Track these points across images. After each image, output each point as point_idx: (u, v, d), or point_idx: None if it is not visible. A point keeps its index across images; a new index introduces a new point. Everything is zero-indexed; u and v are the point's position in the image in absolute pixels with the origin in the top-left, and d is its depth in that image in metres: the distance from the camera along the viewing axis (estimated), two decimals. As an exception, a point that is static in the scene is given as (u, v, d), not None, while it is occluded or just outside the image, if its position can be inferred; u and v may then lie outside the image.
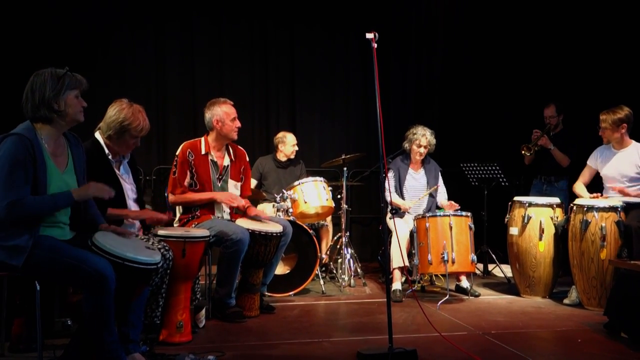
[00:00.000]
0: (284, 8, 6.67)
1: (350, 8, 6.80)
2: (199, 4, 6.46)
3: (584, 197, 4.65)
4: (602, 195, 4.64)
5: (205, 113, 4.15)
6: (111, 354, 2.62)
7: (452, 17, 7.10)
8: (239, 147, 4.35)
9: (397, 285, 4.78)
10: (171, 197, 4.07)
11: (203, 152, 4.11)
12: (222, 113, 4.10)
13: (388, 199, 4.95)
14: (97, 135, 3.31)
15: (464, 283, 4.93)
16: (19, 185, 2.54)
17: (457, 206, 4.92)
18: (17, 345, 3.15)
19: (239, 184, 4.28)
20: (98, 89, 3.50)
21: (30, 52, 5.68)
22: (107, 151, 3.28)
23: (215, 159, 4.16)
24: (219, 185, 4.17)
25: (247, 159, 4.38)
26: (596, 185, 4.83)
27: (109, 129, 3.26)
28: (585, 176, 4.86)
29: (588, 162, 4.84)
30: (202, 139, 4.17)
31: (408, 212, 5.14)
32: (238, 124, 4.16)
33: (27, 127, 2.67)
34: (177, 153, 4.10)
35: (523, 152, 5.51)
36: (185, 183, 4.04)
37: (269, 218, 4.31)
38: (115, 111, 3.26)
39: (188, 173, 4.05)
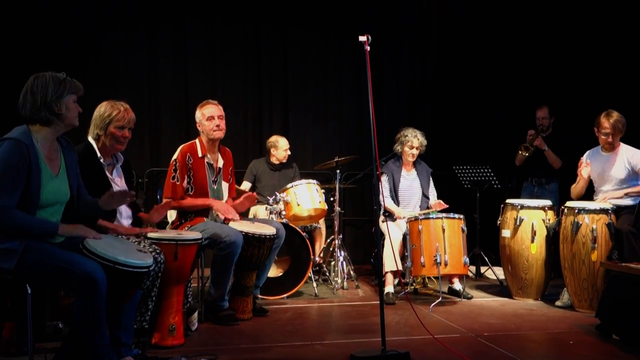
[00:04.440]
0: (277, 11, 6.67)
1: (343, 11, 6.81)
2: (192, 6, 6.45)
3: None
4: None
5: None
6: (103, 357, 2.61)
7: (445, 19, 7.13)
8: (226, 148, 4.35)
9: (389, 287, 4.79)
10: (171, 203, 4.04)
11: (200, 154, 4.10)
12: (200, 115, 4.12)
13: (382, 203, 4.97)
14: (90, 139, 3.33)
15: (457, 285, 4.94)
16: (9, 192, 2.53)
17: (444, 205, 4.95)
18: (7, 349, 3.14)
19: (227, 184, 4.28)
20: (90, 90, 3.46)
21: (22, 55, 5.66)
22: (99, 154, 3.28)
23: (211, 162, 4.15)
24: (214, 187, 4.16)
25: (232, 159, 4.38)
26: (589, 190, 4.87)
27: (95, 128, 3.31)
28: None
29: None
30: (197, 141, 4.16)
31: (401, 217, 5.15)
32: (217, 122, 4.09)
33: (24, 131, 2.66)
34: (175, 157, 4.06)
35: (520, 152, 5.54)
36: (183, 186, 4.03)
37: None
38: (96, 111, 3.34)
39: (185, 177, 4.04)
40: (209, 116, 4.08)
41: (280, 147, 5.76)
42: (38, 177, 2.62)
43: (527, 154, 5.53)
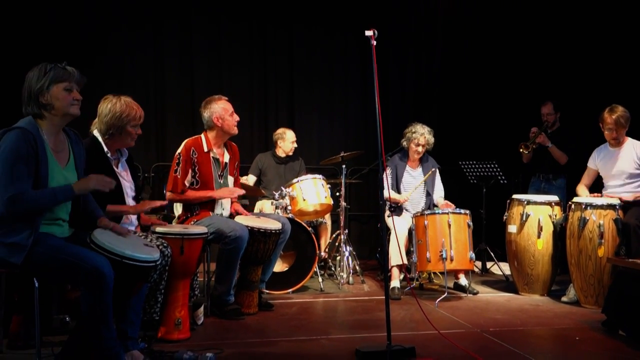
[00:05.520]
0: (283, 8, 6.67)
1: (349, 8, 6.81)
2: (198, 3, 6.46)
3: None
4: (601, 195, 4.65)
5: (202, 112, 4.13)
6: (109, 351, 2.62)
7: (451, 15, 7.10)
8: (233, 143, 4.36)
9: (395, 282, 4.79)
10: (169, 195, 4.06)
11: (205, 149, 4.10)
12: (221, 109, 4.09)
13: (386, 194, 4.94)
14: (96, 133, 3.30)
15: (463, 281, 4.94)
16: (21, 179, 2.54)
17: (452, 206, 4.93)
18: (15, 342, 3.16)
19: (233, 178, 4.29)
20: (97, 87, 3.50)
21: (29, 52, 5.66)
22: (105, 149, 3.27)
23: (217, 156, 4.15)
24: (220, 182, 4.16)
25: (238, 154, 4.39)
26: (596, 186, 4.85)
27: (108, 128, 3.24)
28: (586, 178, 4.86)
29: (588, 164, 4.84)
30: (202, 136, 4.15)
31: (406, 210, 5.14)
32: (237, 117, 4.16)
33: (30, 121, 2.66)
34: (179, 151, 4.06)
35: (521, 150, 5.52)
36: (186, 181, 4.03)
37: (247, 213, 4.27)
38: (108, 108, 3.25)
39: (190, 171, 4.04)
40: (232, 111, 4.12)
41: (287, 139, 5.76)
42: (45, 166, 2.63)
43: (527, 152, 5.51)
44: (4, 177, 2.53)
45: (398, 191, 5.18)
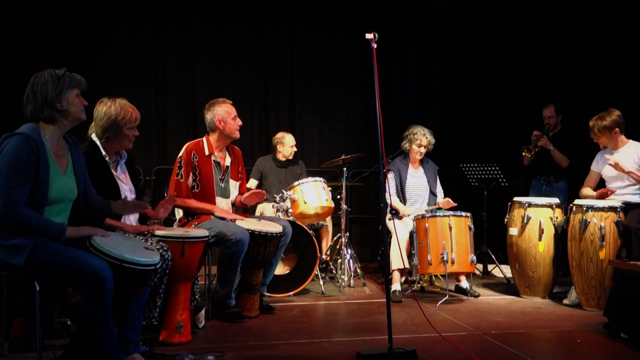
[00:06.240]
0: (283, 9, 6.69)
1: (349, 9, 6.82)
2: (199, 5, 6.48)
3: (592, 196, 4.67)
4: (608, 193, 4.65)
5: (205, 114, 4.14)
6: (110, 355, 2.62)
7: (452, 17, 7.11)
8: (236, 147, 4.36)
9: (396, 285, 4.78)
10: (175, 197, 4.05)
11: (207, 153, 4.10)
12: (224, 112, 4.10)
13: (388, 201, 4.95)
14: (94, 137, 3.30)
15: (464, 283, 4.93)
16: (18, 186, 2.54)
17: (453, 203, 4.94)
18: (16, 345, 3.16)
19: (237, 183, 4.29)
20: (98, 89, 3.50)
21: (29, 53, 5.69)
22: (104, 153, 3.27)
23: (218, 160, 4.16)
24: (222, 185, 4.17)
25: (242, 158, 4.39)
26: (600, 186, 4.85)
27: (104, 132, 3.24)
28: (590, 181, 4.85)
29: (592, 167, 4.85)
30: (204, 139, 4.16)
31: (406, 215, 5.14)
32: (239, 122, 4.16)
33: (33, 127, 2.67)
34: (180, 155, 4.07)
35: (524, 153, 5.52)
36: (188, 184, 4.04)
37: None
38: (103, 112, 3.24)
39: (191, 174, 4.04)
40: (235, 115, 4.12)
41: (286, 143, 5.77)
42: (47, 173, 2.63)
43: (530, 156, 5.51)
44: (2, 182, 2.53)
45: (403, 194, 5.17)
